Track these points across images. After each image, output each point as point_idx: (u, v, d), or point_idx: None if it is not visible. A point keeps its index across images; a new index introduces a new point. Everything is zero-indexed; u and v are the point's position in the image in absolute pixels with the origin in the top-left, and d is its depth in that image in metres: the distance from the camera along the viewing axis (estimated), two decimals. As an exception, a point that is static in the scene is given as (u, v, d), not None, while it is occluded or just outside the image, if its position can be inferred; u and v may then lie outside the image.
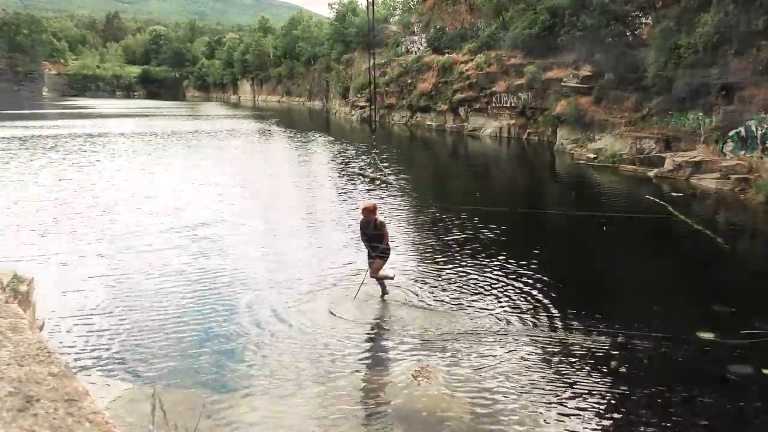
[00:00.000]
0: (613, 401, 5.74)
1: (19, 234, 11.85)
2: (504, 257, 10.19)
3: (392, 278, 8.48)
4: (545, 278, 9.11)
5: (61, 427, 1.19)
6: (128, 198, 15.60)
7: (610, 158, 21.42)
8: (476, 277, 9.24)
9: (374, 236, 8.12)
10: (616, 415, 5.51)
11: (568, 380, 6.08)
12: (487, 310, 7.92)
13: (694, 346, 6.87)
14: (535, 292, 8.52)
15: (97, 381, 5.93)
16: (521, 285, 8.83)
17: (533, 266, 9.72)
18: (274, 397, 5.75)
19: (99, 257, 10.34)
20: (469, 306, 8.06)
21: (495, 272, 9.42)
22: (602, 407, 5.61)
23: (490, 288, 8.74)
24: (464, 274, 9.41)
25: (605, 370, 6.29)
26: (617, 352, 6.69)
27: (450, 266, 9.82)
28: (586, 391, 5.87)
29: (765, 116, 16.56)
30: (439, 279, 9.20)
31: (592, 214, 13.68)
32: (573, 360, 6.51)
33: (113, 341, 6.98)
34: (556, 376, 6.15)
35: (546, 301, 8.21)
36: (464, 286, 8.83)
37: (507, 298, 8.33)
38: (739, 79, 17.23)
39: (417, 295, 8.50)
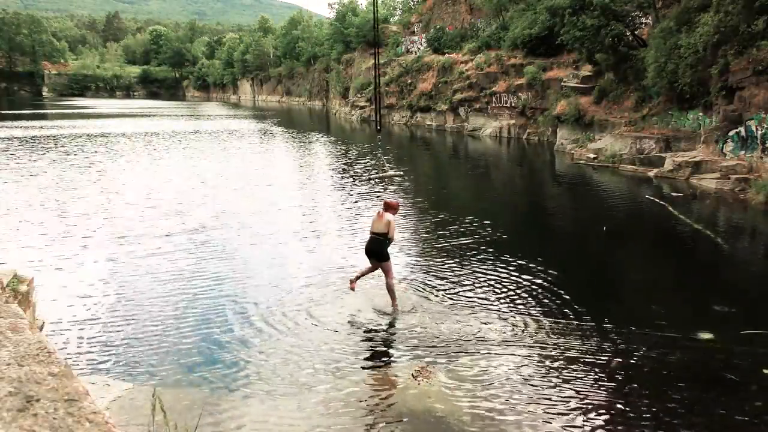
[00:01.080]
0: (612, 401, 5.74)
1: (19, 235, 11.85)
2: (503, 258, 10.19)
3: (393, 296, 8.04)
4: (544, 279, 9.11)
5: (61, 427, 1.19)
6: (129, 199, 15.60)
7: (610, 158, 21.41)
8: (476, 277, 9.24)
9: None
10: (614, 415, 5.51)
11: (568, 381, 6.08)
12: (487, 310, 7.92)
13: (694, 346, 6.88)
14: (534, 293, 8.52)
15: (97, 381, 5.93)
16: (520, 286, 8.83)
17: (532, 267, 9.72)
18: (274, 398, 5.75)
19: (99, 258, 10.34)
20: (469, 307, 8.05)
21: (494, 273, 9.43)
22: (601, 408, 5.61)
23: (489, 288, 8.74)
24: (463, 274, 9.40)
25: (605, 371, 6.29)
26: (616, 353, 6.69)
27: (449, 267, 9.82)
28: (586, 392, 5.87)
29: (765, 116, 16.56)
30: (439, 280, 9.20)
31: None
32: (572, 361, 6.51)
33: (113, 341, 6.98)
34: (556, 377, 6.16)
35: (545, 301, 8.22)
36: (464, 287, 8.82)
37: (506, 299, 8.32)
38: (739, 79, 17.23)
39: (417, 296, 8.50)
